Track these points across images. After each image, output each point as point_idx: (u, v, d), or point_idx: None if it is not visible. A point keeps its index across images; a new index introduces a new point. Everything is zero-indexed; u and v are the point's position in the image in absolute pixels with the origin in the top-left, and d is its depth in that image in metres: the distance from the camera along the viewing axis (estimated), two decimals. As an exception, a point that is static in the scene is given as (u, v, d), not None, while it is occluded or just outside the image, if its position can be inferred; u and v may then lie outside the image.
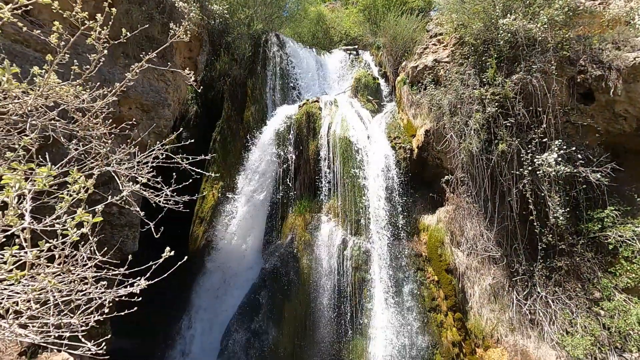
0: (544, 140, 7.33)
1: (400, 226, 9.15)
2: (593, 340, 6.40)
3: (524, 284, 7.48)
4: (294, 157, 10.44)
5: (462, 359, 7.83)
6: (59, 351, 4.44)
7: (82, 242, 1.78)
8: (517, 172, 7.44)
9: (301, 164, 10.42)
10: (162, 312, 10.56)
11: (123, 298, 2.07)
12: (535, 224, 7.13)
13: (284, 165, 10.48)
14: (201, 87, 13.28)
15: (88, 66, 2.53)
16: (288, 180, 10.42)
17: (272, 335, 8.87)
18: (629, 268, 6.64)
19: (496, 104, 7.58)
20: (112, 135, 2.63)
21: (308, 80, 13.50)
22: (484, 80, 7.90)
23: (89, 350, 1.64)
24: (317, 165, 10.08)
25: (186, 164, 2.99)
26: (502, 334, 7.31)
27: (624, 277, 6.70)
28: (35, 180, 1.55)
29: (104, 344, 1.68)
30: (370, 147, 9.91)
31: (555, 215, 6.97)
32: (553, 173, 7.02)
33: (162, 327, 10.35)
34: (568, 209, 7.04)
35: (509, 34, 7.51)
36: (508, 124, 7.50)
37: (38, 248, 1.54)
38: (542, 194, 7.22)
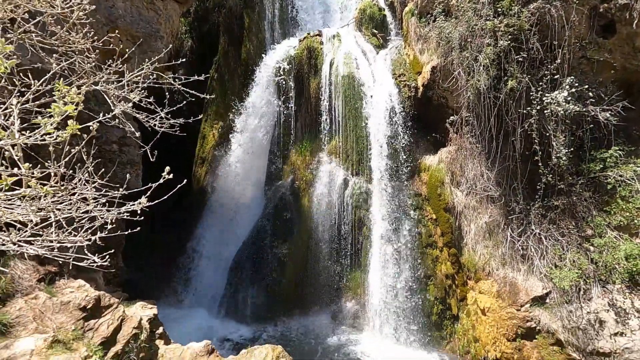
0: (556, 77, 7.01)
1: (401, 166, 9.18)
2: (580, 273, 6.74)
3: (519, 222, 7.68)
4: (294, 95, 10.13)
5: (454, 289, 8.37)
6: (75, 278, 4.72)
7: (79, 165, 1.77)
8: (524, 111, 7.23)
9: (302, 103, 10.14)
10: (169, 248, 11.09)
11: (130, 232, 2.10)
12: (539, 164, 7.11)
13: (285, 104, 10.21)
14: (195, 19, 12.45)
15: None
16: (289, 119, 10.22)
17: (276, 269, 9.39)
18: (624, 207, 6.75)
19: (509, 36, 7.13)
20: (97, 50, 2.47)
21: (309, 10, 12.57)
22: (499, 10, 7.33)
23: (94, 262, 1.71)
24: (318, 104, 9.82)
25: (179, 84, 2.86)
26: (494, 268, 7.70)
27: (617, 216, 6.84)
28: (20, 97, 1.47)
29: (107, 257, 1.74)
30: (374, 86, 9.57)
31: (558, 155, 6.92)
32: (561, 112, 6.83)
33: (169, 261, 10.91)
34: (572, 149, 6.97)
35: (531, -45, 6.79)
36: (520, 59, 7.11)
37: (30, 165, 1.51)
38: (547, 134, 7.10)
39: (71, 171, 1.77)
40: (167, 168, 1.96)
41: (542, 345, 6.89)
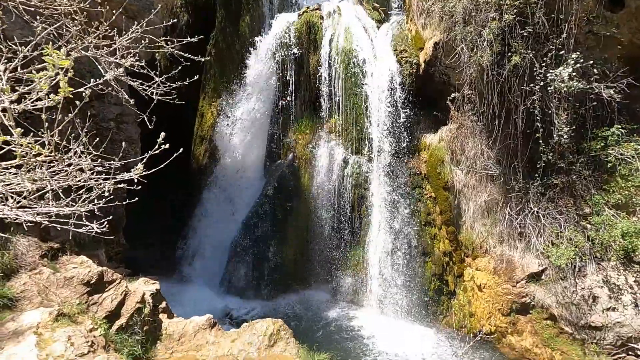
0: (561, 52, 6.86)
1: (401, 145, 9.13)
2: (576, 250, 6.83)
3: (518, 200, 7.71)
4: (293, 72, 9.94)
5: (452, 266, 8.51)
6: (78, 254, 4.78)
7: (74, 136, 1.75)
8: (527, 89, 7.12)
9: (301, 80, 9.97)
10: (169, 226, 11.18)
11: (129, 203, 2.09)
12: (540, 142, 7.07)
13: (284, 81, 10.04)
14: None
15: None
16: (288, 97, 10.07)
17: (276, 246, 9.51)
18: (623, 185, 6.76)
19: (515, 10, 6.92)
20: (85, 13, 2.38)
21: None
22: (505, -18, 7.08)
23: (92, 229, 1.73)
24: (318, 81, 9.65)
25: (171, 47, 2.78)
26: (491, 245, 7.80)
27: (616, 194, 6.86)
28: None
29: (105, 223, 1.75)
30: (375, 62, 9.37)
31: (559, 133, 6.87)
32: (565, 89, 6.72)
33: (170, 239, 11.03)
34: (574, 127, 6.91)
35: None
36: (525, 34, 6.94)
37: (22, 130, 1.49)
38: (550, 112, 7.02)
39: (65, 142, 1.75)
40: (162, 134, 1.94)
41: (536, 319, 7.08)
